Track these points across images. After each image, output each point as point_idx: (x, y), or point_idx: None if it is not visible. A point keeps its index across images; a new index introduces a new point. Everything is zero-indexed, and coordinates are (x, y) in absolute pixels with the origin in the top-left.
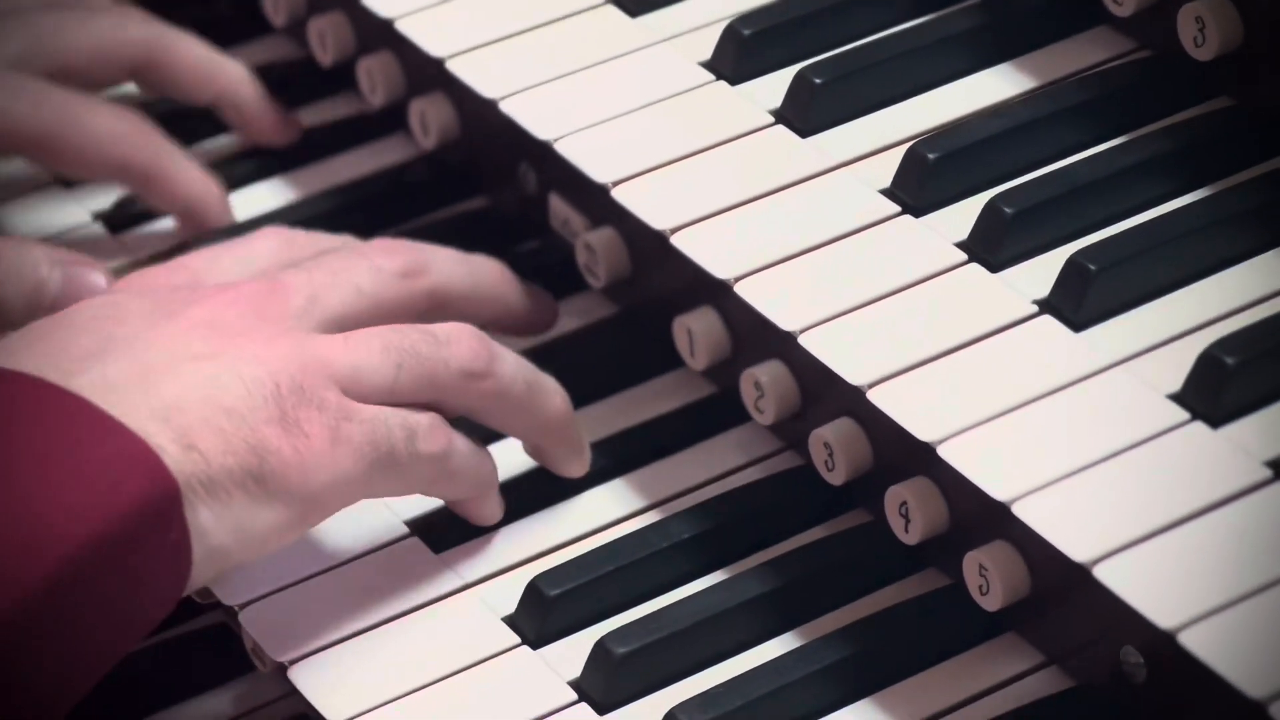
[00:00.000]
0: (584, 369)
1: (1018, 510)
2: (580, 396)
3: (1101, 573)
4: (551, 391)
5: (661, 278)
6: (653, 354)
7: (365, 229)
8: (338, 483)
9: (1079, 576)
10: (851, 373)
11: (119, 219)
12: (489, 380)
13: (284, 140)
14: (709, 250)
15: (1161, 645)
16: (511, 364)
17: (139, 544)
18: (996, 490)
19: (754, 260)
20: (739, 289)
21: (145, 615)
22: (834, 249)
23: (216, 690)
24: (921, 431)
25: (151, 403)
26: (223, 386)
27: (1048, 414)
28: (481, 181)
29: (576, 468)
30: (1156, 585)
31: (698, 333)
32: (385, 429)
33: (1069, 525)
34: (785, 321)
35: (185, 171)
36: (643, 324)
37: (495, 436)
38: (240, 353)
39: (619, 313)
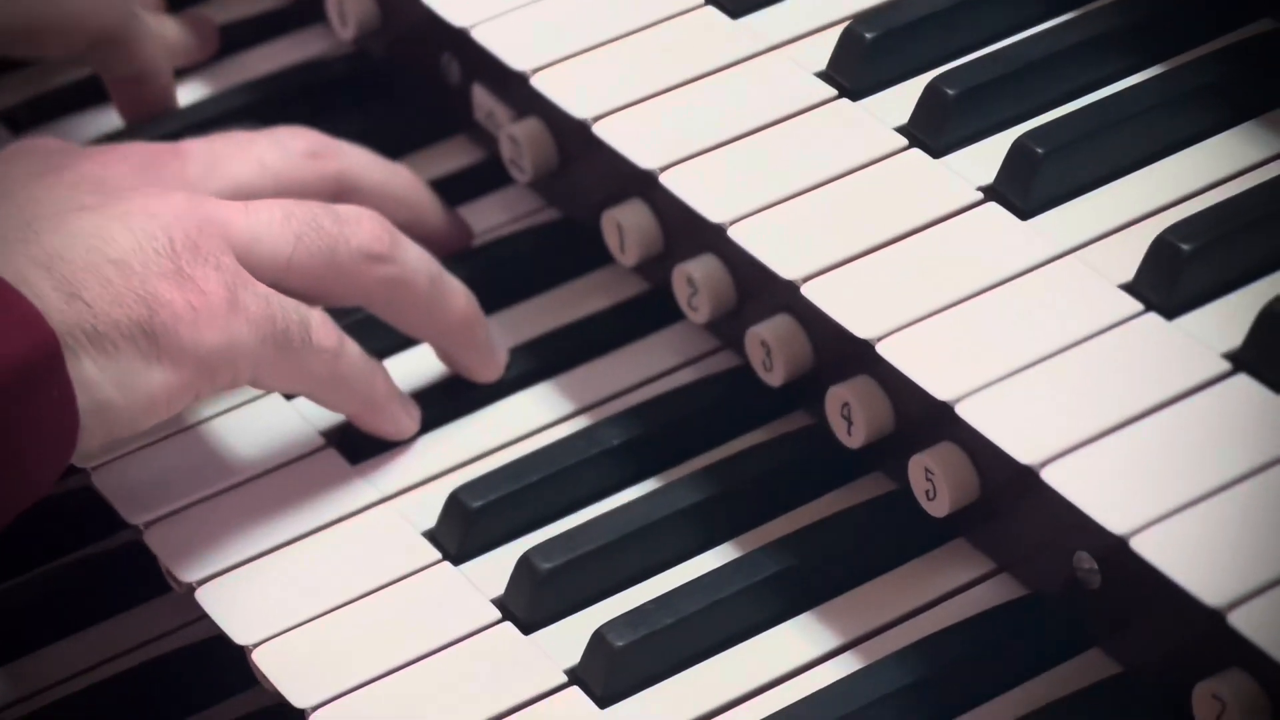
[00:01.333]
0: (508, 267)
1: (961, 411)
2: (504, 296)
3: (1050, 475)
4: (457, 291)
5: (588, 170)
6: (581, 250)
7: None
8: (231, 348)
9: (1028, 480)
10: (785, 267)
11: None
12: (390, 266)
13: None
14: (634, 139)
15: (1115, 551)
16: (415, 254)
17: (17, 397)
18: (939, 390)
19: (681, 149)
20: (665, 180)
21: (33, 476)
22: (766, 136)
23: (138, 609)
24: (860, 328)
25: (32, 252)
26: (110, 238)
27: (993, 307)
28: (405, 75)
29: (487, 373)
30: (1108, 488)
31: (627, 227)
32: (281, 308)
33: (1016, 426)
34: (715, 213)
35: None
36: (571, 219)
37: None
38: (130, 205)
39: (545, 208)
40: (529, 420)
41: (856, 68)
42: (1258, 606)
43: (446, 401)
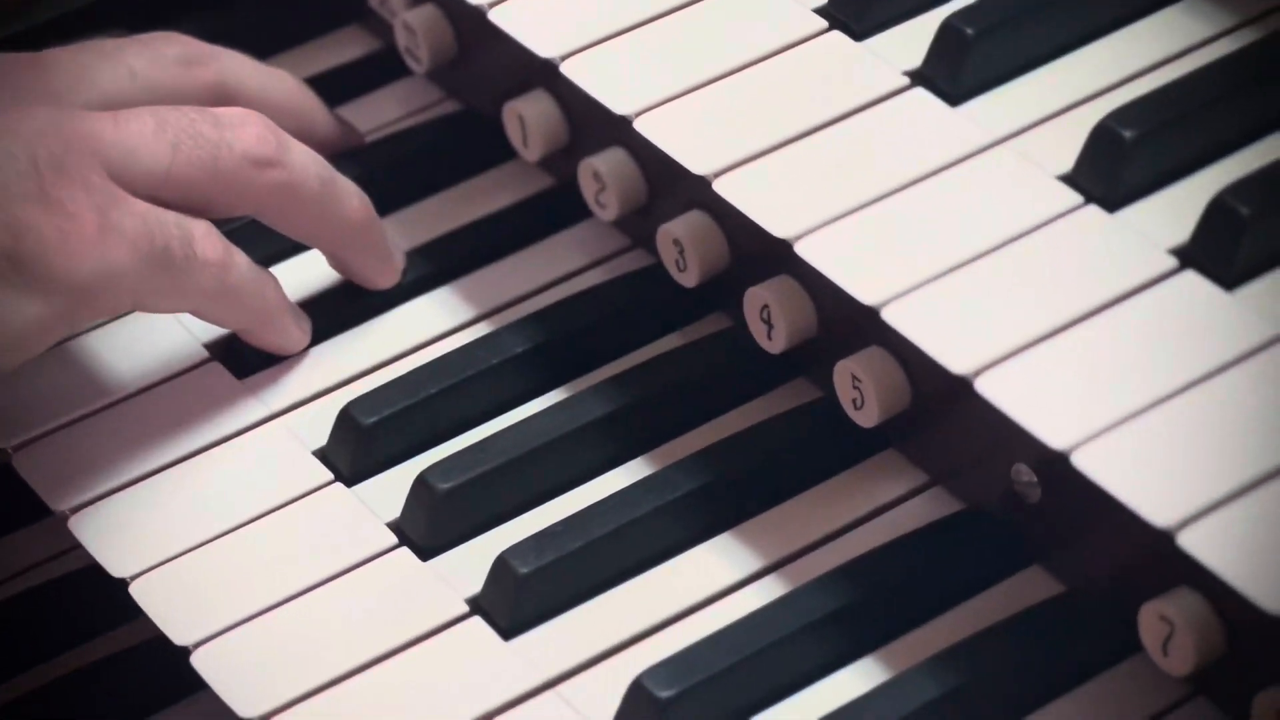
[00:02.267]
0: (404, 164)
1: (888, 315)
2: (400, 195)
3: (984, 385)
4: (349, 193)
5: (487, 60)
6: (482, 145)
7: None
8: (107, 274)
9: (961, 389)
10: (696, 161)
11: None
12: (277, 170)
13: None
14: (533, 26)
15: (1055, 464)
16: (303, 156)
17: None
18: (863, 293)
19: (584, 36)
20: (567, 69)
21: None
22: (673, 21)
23: (12, 536)
24: (777, 226)
25: None
26: None
27: (921, 201)
28: None
29: (383, 278)
30: (1047, 398)
31: (530, 120)
32: (160, 224)
33: (947, 331)
34: (620, 104)
35: None
36: (471, 112)
37: None
38: None
39: (444, 100)
40: (426, 328)
41: None
42: (1208, 525)
43: (339, 310)
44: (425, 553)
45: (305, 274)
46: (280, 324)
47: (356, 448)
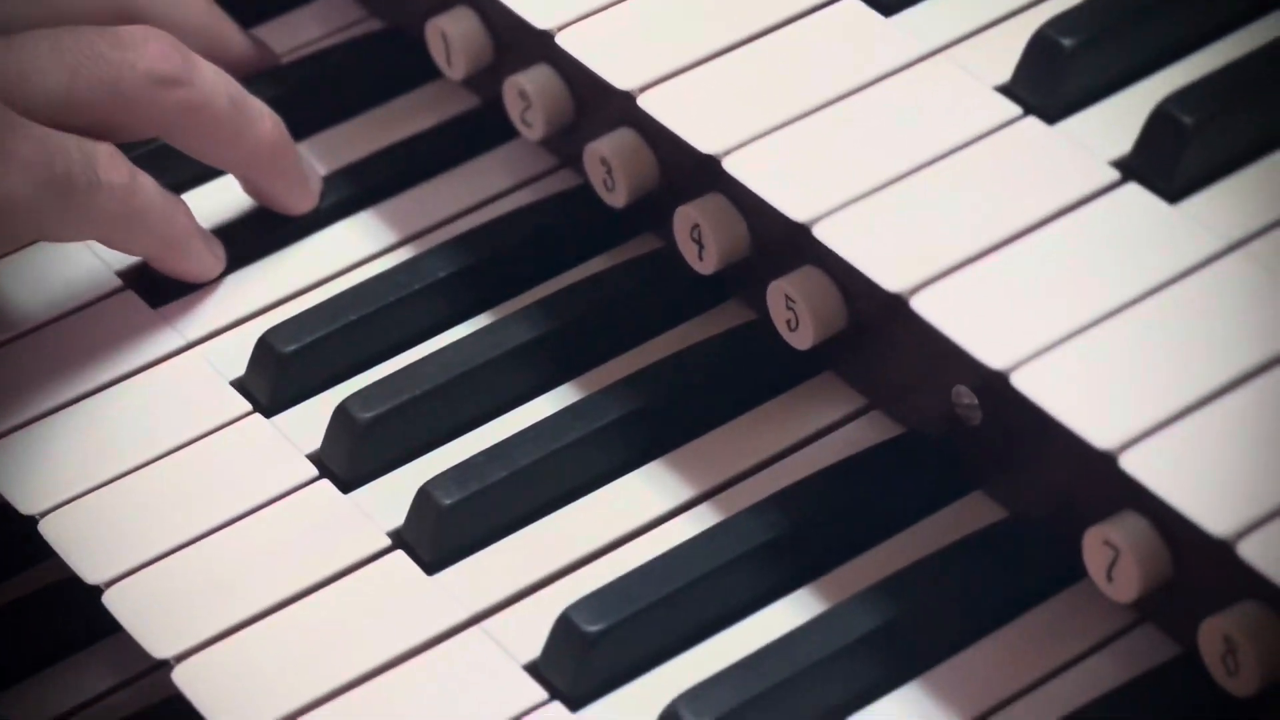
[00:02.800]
0: (321, 84)
1: (819, 232)
2: (317, 117)
3: (921, 304)
4: (261, 114)
5: None
6: (404, 65)
7: None
8: (4, 203)
9: (897, 308)
10: (621, 76)
11: None
12: (183, 90)
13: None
14: None
15: (995, 385)
16: (211, 75)
17: None
18: (794, 210)
19: None
20: None
21: None
22: None
23: None
24: (704, 142)
25: None
26: None
27: (855, 115)
28: None
29: (299, 203)
30: (986, 317)
31: (453, 37)
32: (60, 149)
33: (880, 248)
34: (543, 19)
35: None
36: (393, 29)
37: None
38: None
39: (366, 18)
40: (346, 254)
41: None
42: (1151, 446)
43: (255, 237)
44: (346, 485)
45: (219, 200)
46: (192, 250)
47: (275, 377)
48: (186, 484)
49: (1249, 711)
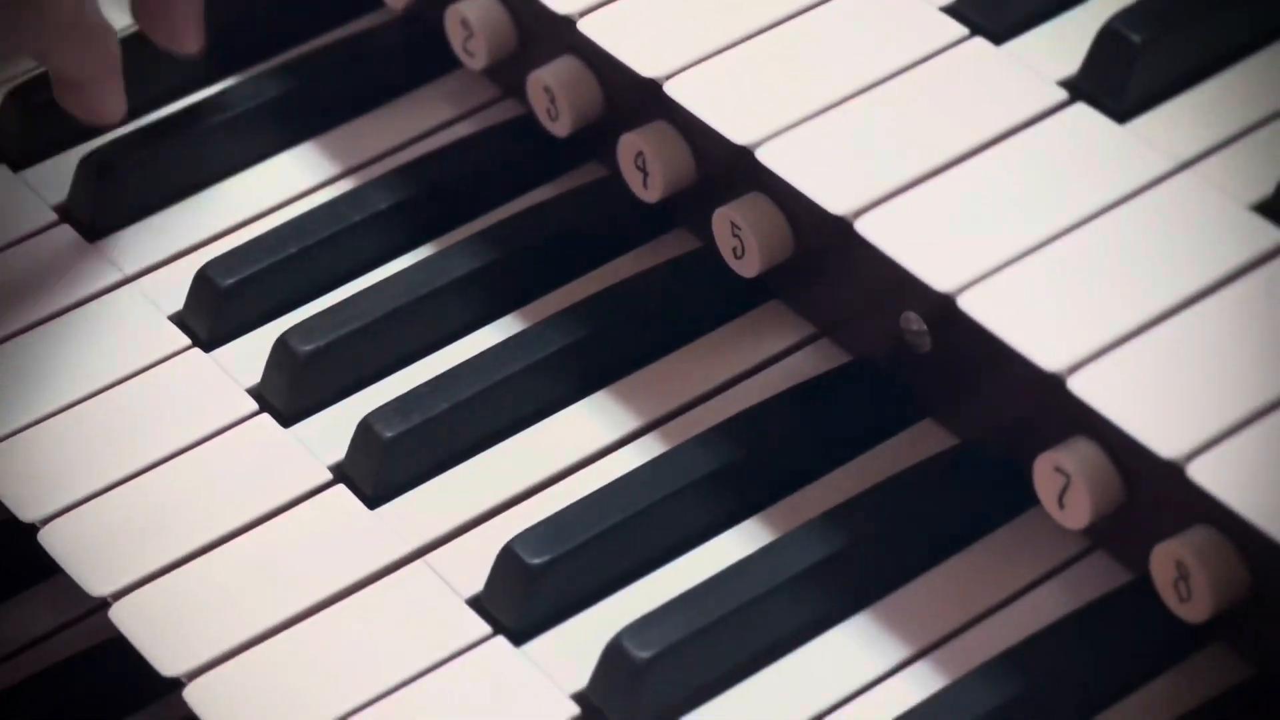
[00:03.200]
0: (260, 17)
1: (763, 156)
2: (258, 49)
3: (866, 226)
4: None
5: None
6: None
7: None
8: None
9: (843, 233)
10: (561, 1)
11: None
12: None
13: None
14: None
15: (944, 310)
16: None
17: None
18: (737, 133)
19: None
20: None
21: None
22: None
23: None
24: (646, 67)
25: None
26: None
27: (797, 36)
28: None
29: (187, 40)
30: (932, 239)
31: None
32: None
33: (826, 172)
34: None
35: None
36: None
37: None
38: None
39: None
40: (287, 187)
41: None
42: (1100, 369)
43: (193, 169)
44: (286, 419)
45: None
46: (117, 82)
47: (214, 311)
48: (124, 420)
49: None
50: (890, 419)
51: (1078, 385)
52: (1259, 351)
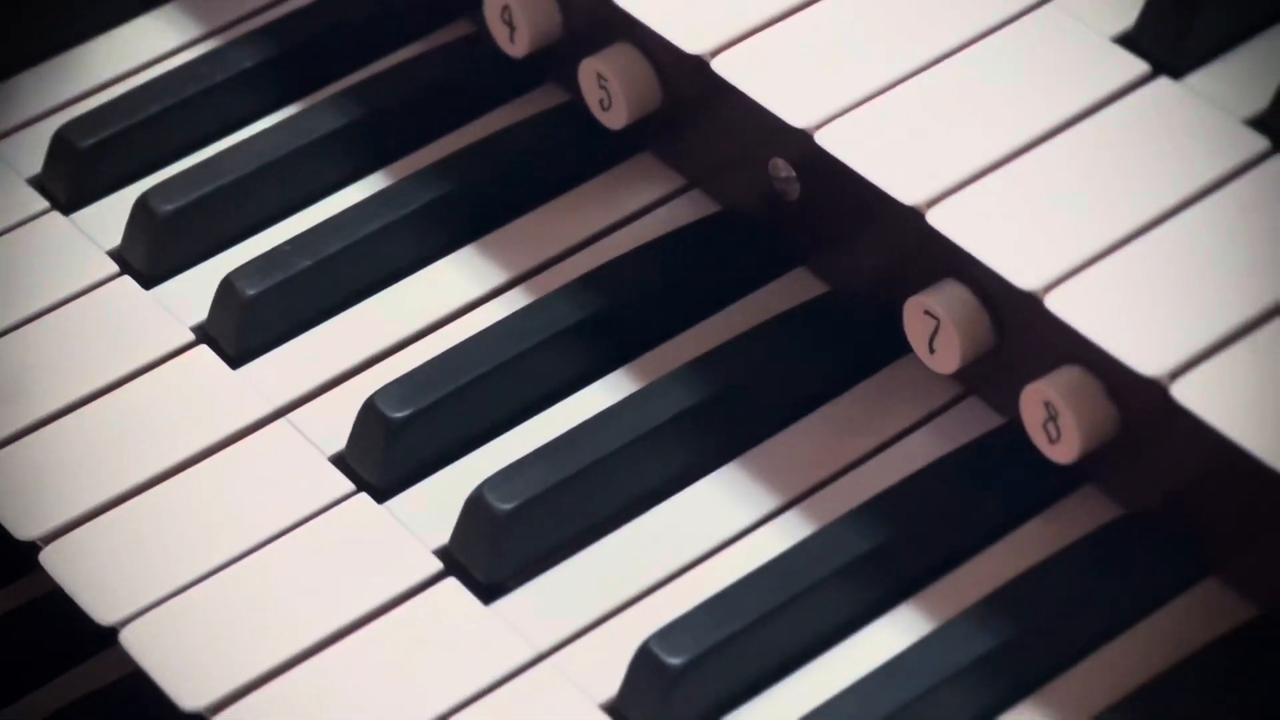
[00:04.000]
0: None
1: (624, 1)
2: None
3: (722, 66)
4: None
5: None
6: None
7: None
8: None
9: (707, 77)
10: None
11: None
12: None
13: None
14: None
15: (811, 155)
16: None
17: None
18: None
19: None
20: None
21: None
22: None
23: None
24: None
25: None
26: None
27: None
28: None
29: None
30: (789, 80)
31: None
32: None
33: (682, 15)
34: None
35: None
36: None
37: None
38: None
39: None
40: (149, 46)
41: None
42: (960, 202)
43: (53, 29)
44: (148, 280)
45: None
46: None
47: (74, 173)
48: None
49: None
50: (761, 268)
51: (937, 218)
52: (1111, 183)
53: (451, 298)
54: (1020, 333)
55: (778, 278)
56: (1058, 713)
